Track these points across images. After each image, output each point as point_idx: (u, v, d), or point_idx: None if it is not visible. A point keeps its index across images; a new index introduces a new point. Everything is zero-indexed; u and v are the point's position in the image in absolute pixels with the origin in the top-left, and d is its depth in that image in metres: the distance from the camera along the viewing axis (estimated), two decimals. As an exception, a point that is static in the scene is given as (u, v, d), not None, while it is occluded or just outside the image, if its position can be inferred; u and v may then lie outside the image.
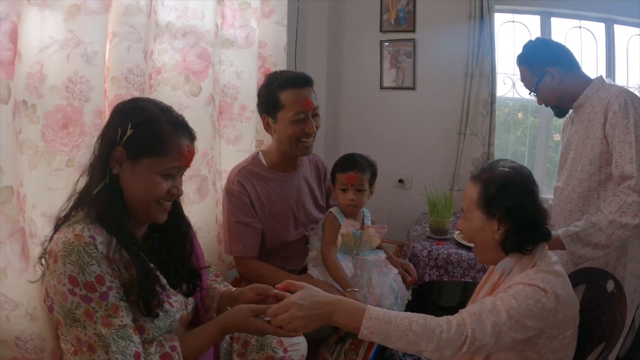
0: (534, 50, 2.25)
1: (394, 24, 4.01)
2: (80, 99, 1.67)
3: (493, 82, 3.71)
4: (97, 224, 1.33)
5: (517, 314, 1.44)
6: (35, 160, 1.62)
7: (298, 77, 2.18)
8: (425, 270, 2.88)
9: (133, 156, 1.37)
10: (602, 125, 2.04)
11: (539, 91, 2.21)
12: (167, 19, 2.11)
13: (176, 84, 2.18)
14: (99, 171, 1.37)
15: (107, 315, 1.27)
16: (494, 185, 1.61)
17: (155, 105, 1.45)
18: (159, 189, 1.41)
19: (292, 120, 2.13)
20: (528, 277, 1.52)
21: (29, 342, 1.58)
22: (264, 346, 1.69)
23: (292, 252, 2.36)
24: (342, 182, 2.25)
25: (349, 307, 1.44)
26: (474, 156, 3.81)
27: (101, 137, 1.41)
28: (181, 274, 1.54)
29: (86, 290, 1.24)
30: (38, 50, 1.56)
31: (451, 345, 1.39)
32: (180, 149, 1.43)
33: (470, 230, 1.70)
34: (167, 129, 1.40)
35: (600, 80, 2.17)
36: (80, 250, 1.25)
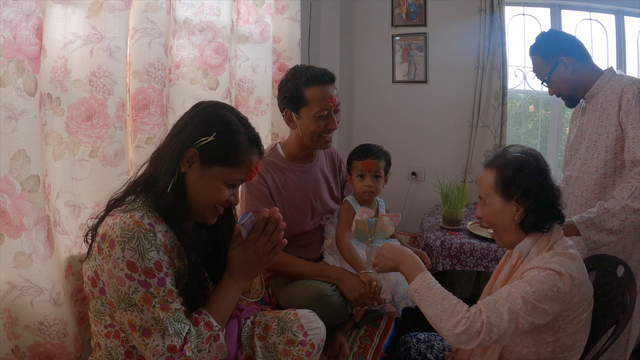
0: (548, 40, 2.26)
1: (405, 19, 4.03)
2: (103, 92, 1.72)
3: (504, 75, 3.71)
4: (157, 213, 1.38)
5: (533, 299, 1.48)
6: (60, 151, 1.68)
7: (324, 74, 2.21)
8: (438, 260, 2.91)
9: (205, 161, 1.42)
10: (616, 113, 2.05)
11: (552, 80, 2.22)
12: (185, 15, 2.16)
13: (195, 78, 2.23)
14: (169, 166, 1.40)
15: (165, 300, 1.32)
16: (510, 168, 1.65)
17: (235, 115, 1.50)
18: (221, 196, 1.46)
19: (316, 116, 2.18)
20: (544, 260, 1.56)
21: (52, 327, 1.64)
22: (284, 330, 1.71)
23: (308, 241, 2.40)
24: (359, 168, 2.29)
25: (413, 264, 1.71)
26: (486, 148, 3.82)
27: (176, 133, 1.45)
28: (223, 263, 1.58)
29: (145, 275, 1.28)
30: (62, 45, 1.62)
31: (467, 331, 1.46)
32: (251, 164, 1.49)
33: (490, 215, 1.74)
34: (245, 142, 1.46)
35: (611, 71, 2.18)
36: (140, 237, 1.28)
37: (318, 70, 2.22)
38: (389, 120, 4.24)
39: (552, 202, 1.64)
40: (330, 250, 2.34)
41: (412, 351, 2.10)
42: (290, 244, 2.29)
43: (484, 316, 1.47)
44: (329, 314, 1.99)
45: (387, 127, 4.24)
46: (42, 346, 1.64)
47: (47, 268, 1.57)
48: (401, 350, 2.15)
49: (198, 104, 1.50)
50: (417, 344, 2.11)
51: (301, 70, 2.22)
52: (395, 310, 2.26)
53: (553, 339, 1.60)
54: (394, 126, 4.23)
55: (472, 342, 1.46)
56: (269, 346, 1.68)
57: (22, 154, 1.45)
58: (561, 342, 1.60)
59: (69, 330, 1.68)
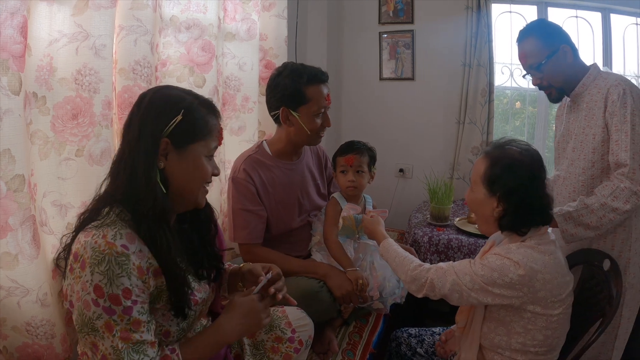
0: (549, 25, 2.20)
1: (393, 16, 4.04)
2: (89, 91, 1.71)
3: (491, 72, 3.73)
4: (130, 228, 1.28)
5: (481, 281, 1.58)
6: (46, 150, 1.67)
7: (322, 73, 2.23)
8: (426, 256, 2.92)
9: (180, 145, 1.36)
10: (602, 114, 2.04)
11: (548, 67, 2.13)
12: (171, 13, 2.15)
13: (181, 76, 2.23)
14: (145, 168, 1.31)
15: (128, 329, 1.23)
16: (500, 164, 1.66)
17: (182, 90, 1.45)
18: (206, 172, 1.42)
19: (315, 114, 2.19)
20: (507, 250, 1.60)
21: (39, 328, 1.62)
22: (273, 327, 1.72)
23: (296, 239, 2.40)
24: (341, 164, 2.30)
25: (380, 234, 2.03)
26: (473, 145, 3.85)
27: (136, 135, 1.33)
28: (210, 260, 1.55)
29: (110, 302, 1.20)
30: (47, 43, 1.61)
31: (415, 282, 1.74)
32: (218, 127, 1.46)
33: (473, 202, 1.77)
34: (204, 111, 1.41)
35: (596, 68, 2.16)
36: (111, 261, 1.20)
37: (315, 69, 2.23)
38: (377, 117, 4.26)
39: (535, 208, 1.64)
40: (318, 247, 2.34)
41: (402, 346, 2.11)
42: (278, 242, 2.31)
43: (429, 275, 1.69)
44: (317, 311, 1.99)
45: (375, 124, 4.25)
46: (30, 347, 1.63)
47: (34, 268, 1.55)
48: (392, 346, 2.16)
49: (141, 97, 1.39)
50: (407, 339, 2.12)
51: (298, 68, 2.21)
52: (384, 306, 2.27)
53: (523, 331, 1.62)
54: (381, 123, 4.24)
55: (419, 292, 1.74)
56: (257, 344, 1.68)
57: (7, 154, 1.43)
58: (531, 335, 1.62)
59: (57, 331, 1.67)
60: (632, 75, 3.66)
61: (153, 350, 1.28)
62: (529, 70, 2.20)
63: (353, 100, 4.33)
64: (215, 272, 1.57)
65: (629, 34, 3.69)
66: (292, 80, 2.17)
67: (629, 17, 3.67)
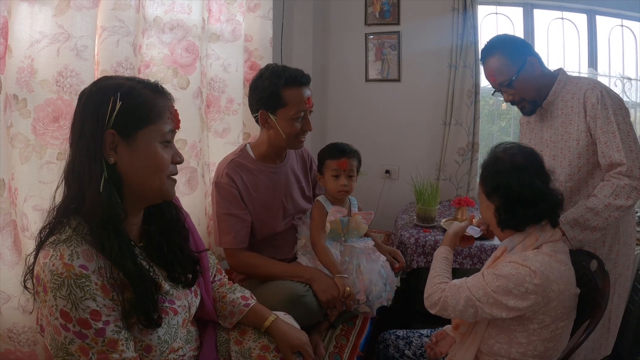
0: (512, 40, 2.19)
1: (379, 17, 4.04)
2: (70, 93, 1.68)
3: (477, 73, 3.75)
4: (87, 243, 1.20)
5: (494, 293, 1.55)
6: (26, 153, 1.63)
7: (302, 75, 2.18)
8: (413, 258, 2.92)
9: (127, 134, 1.25)
10: (584, 118, 2.04)
11: (519, 81, 2.12)
12: (155, 14, 2.13)
13: (165, 78, 2.20)
14: (90, 166, 1.22)
15: (104, 350, 1.18)
16: (485, 165, 1.73)
17: (121, 78, 1.36)
18: (164, 160, 1.32)
19: (293, 118, 2.16)
20: (524, 257, 1.59)
21: (21, 334, 1.60)
22: (260, 334, 1.70)
23: (281, 242, 2.38)
24: (334, 168, 2.27)
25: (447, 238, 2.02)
26: (459, 146, 3.86)
27: (78, 132, 1.24)
28: (182, 264, 1.48)
29: (80, 326, 1.15)
30: (28, 45, 1.58)
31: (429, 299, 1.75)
32: (169, 109, 1.35)
33: (483, 214, 1.81)
34: (148, 93, 1.31)
35: (564, 73, 2.17)
36: (71, 284, 1.13)
37: (295, 71, 2.18)
38: (363, 118, 4.25)
39: (524, 202, 1.63)
40: (304, 250, 2.33)
41: (390, 348, 2.11)
42: (263, 245, 2.30)
43: (444, 294, 1.69)
44: (303, 315, 1.97)
45: (361, 125, 4.25)
46: (13, 354, 1.60)
47: (15, 274, 1.53)
48: (380, 348, 2.15)
49: (80, 94, 1.29)
50: (395, 341, 2.12)
51: (278, 70, 2.18)
52: (370, 310, 2.26)
53: (526, 341, 1.62)
54: (367, 124, 4.24)
55: (432, 309, 1.75)
56: (244, 351, 1.65)
57: (-13, 158, 1.40)
58: (533, 346, 1.62)
59: (39, 338, 1.64)
60: (618, 77, 3.69)
61: None
62: (500, 88, 2.19)
63: (339, 102, 4.33)
64: (191, 276, 1.51)
65: (614, 35, 3.72)
66: (270, 83, 2.14)
67: (614, 18, 3.70)
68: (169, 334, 1.38)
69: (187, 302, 1.49)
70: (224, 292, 1.79)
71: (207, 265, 1.70)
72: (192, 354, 1.55)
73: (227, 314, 1.74)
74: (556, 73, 2.17)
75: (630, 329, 2.92)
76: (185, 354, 1.51)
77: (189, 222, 1.65)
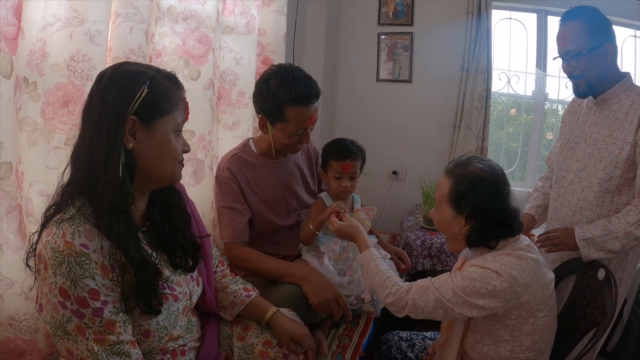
0: (602, 16, 2.04)
1: (392, 17, 4.03)
2: (81, 78, 1.66)
3: (489, 78, 3.73)
4: (90, 223, 1.21)
5: (463, 294, 1.56)
6: (34, 137, 1.62)
7: (309, 94, 2.07)
8: (418, 260, 2.90)
9: (147, 121, 1.27)
10: (635, 131, 1.96)
11: (587, 59, 2.01)
12: (169, 3, 2.11)
13: (176, 68, 2.18)
14: (108, 151, 1.22)
15: (101, 331, 1.19)
16: (464, 182, 1.66)
17: (142, 65, 1.38)
18: (176, 148, 1.36)
19: (292, 133, 2.12)
20: (484, 260, 1.60)
21: (23, 322, 1.58)
22: (264, 330, 1.69)
23: (286, 238, 2.37)
24: (337, 169, 2.25)
25: (363, 242, 1.94)
26: (468, 149, 3.83)
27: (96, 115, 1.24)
28: (184, 247, 1.49)
29: (78, 305, 1.15)
30: (41, 27, 1.55)
31: (395, 305, 1.69)
32: (184, 101, 1.40)
33: (440, 222, 1.77)
34: (167, 84, 1.34)
35: (630, 78, 2.07)
36: (71, 262, 1.14)
37: (303, 88, 2.06)
38: (372, 118, 4.24)
39: (502, 223, 1.63)
40: (308, 247, 2.30)
41: (393, 349, 2.10)
42: (267, 241, 2.28)
43: (410, 296, 1.65)
44: (306, 313, 1.96)
45: (370, 125, 4.23)
46: (13, 342, 1.59)
47: (18, 259, 1.50)
48: (383, 349, 2.15)
49: (100, 75, 1.30)
50: (398, 342, 2.12)
51: (286, 81, 2.05)
52: (374, 310, 2.24)
53: (510, 338, 1.62)
54: (376, 124, 4.22)
55: (400, 313, 1.71)
56: (246, 347, 1.65)
57: (-5, 140, 1.38)
58: (519, 342, 1.62)
59: (41, 325, 1.63)
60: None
61: (136, 351, 1.25)
62: (565, 56, 2.08)
63: (348, 100, 4.31)
64: (192, 261, 1.51)
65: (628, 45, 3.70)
66: (274, 95, 2.06)
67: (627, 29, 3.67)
68: (168, 320, 1.37)
69: (189, 290, 1.48)
70: (226, 283, 1.79)
71: (209, 253, 1.69)
72: (193, 345, 1.54)
73: (227, 304, 1.73)
74: (624, 74, 2.07)
75: (631, 340, 2.90)
76: (186, 344, 1.50)
77: (192, 207, 1.66)
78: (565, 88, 3.87)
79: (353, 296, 2.15)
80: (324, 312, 2.02)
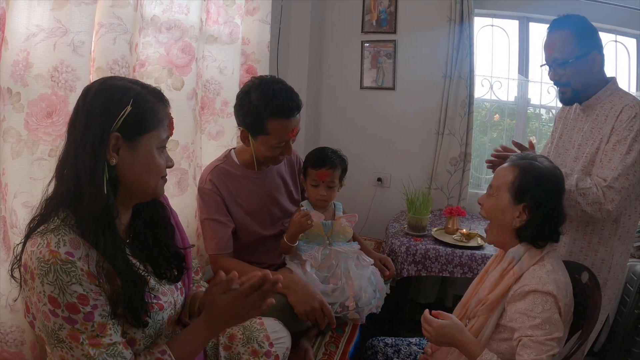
0: (589, 25, 2.06)
1: (375, 25, 4.05)
2: (65, 88, 1.66)
3: (471, 84, 3.76)
4: (74, 233, 1.21)
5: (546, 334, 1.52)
6: (18, 149, 1.61)
7: (290, 107, 2.08)
8: (403, 266, 2.91)
9: (131, 138, 1.28)
10: (609, 131, 1.99)
11: (571, 68, 2.04)
12: (152, 13, 2.11)
13: (159, 78, 2.18)
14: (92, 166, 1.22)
15: (95, 335, 1.19)
16: (531, 175, 1.68)
17: (129, 81, 1.37)
18: (160, 165, 1.36)
19: (274, 146, 2.13)
20: (541, 280, 1.58)
21: (8, 334, 1.58)
22: (250, 340, 1.69)
23: (271, 247, 2.37)
24: (313, 178, 2.28)
25: (470, 346, 1.63)
26: (452, 155, 3.87)
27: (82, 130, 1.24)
28: (168, 259, 1.48)
29: (69, 311, 1.16)
30: (25, 38, 1.56)
31: None
32: (169, 117, 1.40)
33: (493, 209, 1.77)
34: (153, 100, 1.34)
35: (614, 83, 2.10)
36: (57, 270, 1.14)
37: (284, 101, 2.07)
38: (356, 125, 4.25)
39: (555, 224, 1.67)
40: (291, 256, 2.31)
41: (379, 355, 2.10)
42: (252, 250, 2.29)
43: None
44: (293, 321, 1.96)
45: (354, 132, 4.25)
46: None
47: (3, 272, 1.51)
48: (368, 354, 2.14)
49: (86, 89, 1.30)
50: (384, 348, 2.11)
51: (267, 95, 2.06)
52: (359, 317, 2.24)
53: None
54: (360, 132, 4.24)
55: None
56: (232, 356, 1.65)
57: (-21, 151, 1.38)
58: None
59: (27, 338, 1.62)
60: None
61: (129, 352, 1.26)
62: (551, 64, 2.10)
63: (333, 108, 4.33)
64: (177, 272, 1.51)
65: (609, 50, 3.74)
66: (255, 109, 2.07)
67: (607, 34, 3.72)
68: (153, 329, 1.37)
69: (173, 299, 1.47)
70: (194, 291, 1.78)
71: (190, 264, 1.68)
72: None
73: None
74: (608, 79, 2.10)
75: (617, 340, 2.93)
76: None
77: (176, 218, 1.65)
78: (547, 93, 3.93)
79: (337, 304, 2.16)
80: (309, 321, 2.02)
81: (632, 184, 1.92)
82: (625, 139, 1.93)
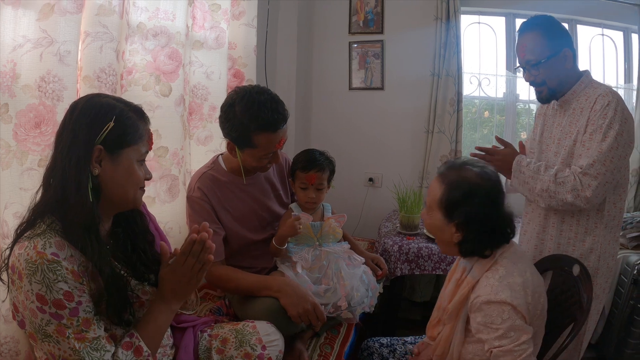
0: (556, 24, 2.10)
1: (363, 26, 4.06)
2: (52, 98, 1.67)
3: (460, 82, 3.78)
4: (60, 236, 1.29)
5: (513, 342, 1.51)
6: (8, 159, 1.62)
7: (277, 120, 2.05)
8: (396, 265, 2.92)
9: (113, 151, 1.38)
10: (585, 122, 2.02)
11: (546, 66, 2.07)
12: (138, 20, 2.12)
13: (147, 85, 2.19)
14: (77, 176, 1.31)
15: (80, 330, 1.27)
16: (458, 190, 1.62)
17: (113, 98, 1.45)
18: (139, 177, 1.45)
19: (261, 157, 2.13)
20: (493, 290, 1.56)
21: (3, 345, 1.58)
22: (242, 343, 1.70)
23: (261, 252, 2.36)
24: (302, 180, 2.29)
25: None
26: (442, 153, 3.88)
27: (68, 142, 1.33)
28: (147, 265, 1.55)
29: (55, 308, 1.24)
30: (11, 48, 1.56)
31: None
32: (148, 133, 1.50)
33: (431, 227, 1.75)
34: (135, 117, 1.44)
35: (588, 76, 2.13)
36: (44, 269, 1.22)
37: (271, 113, 2.03)
38: (346, 126, 4.26)
39: (495, 231, 1.62)
40: (282, 258, 2.31)
41: (374, 356, 2.10)
42: (243, 255, 2.28)
43: None
44: (287, 324, 1.96)
45: (344, 133, 4.25)
46: (-6, 366, 1.58)
47: (-3, 283, 1.50)
48: (364, 355, 2.14)
49: (73, 105, 1.40)
50: (379, 349, 2.11)
51: (252, 108, 2.02)
52: (352, 316, 2.25)
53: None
54: (350, 132, 4.24)
55: None
56: (225, 359, 1.66)
57: (-32, 163, 1.38)
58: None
59: (21, 349, 1.63)
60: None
61: (111, 345, 1.34)
62: (525, 66, 2.14)
63: (322, 110, 4.33)
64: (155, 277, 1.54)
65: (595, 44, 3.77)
66: (241, 123, 2.04)
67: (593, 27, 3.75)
68: (134, 326, 1.44)
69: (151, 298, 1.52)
70: None
71: None
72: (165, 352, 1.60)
73: None
74: (582, 73, 2.13)
75: (614, 332, 2.94)
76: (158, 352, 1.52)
77: (156, 225, 1.74)
78: (535, 88, 3.94)
79: (330, 304, 2.16)
80: (303, 323, 2.02)
81: (610, 169, 1.93)
82: (601, 127, 1.95)
